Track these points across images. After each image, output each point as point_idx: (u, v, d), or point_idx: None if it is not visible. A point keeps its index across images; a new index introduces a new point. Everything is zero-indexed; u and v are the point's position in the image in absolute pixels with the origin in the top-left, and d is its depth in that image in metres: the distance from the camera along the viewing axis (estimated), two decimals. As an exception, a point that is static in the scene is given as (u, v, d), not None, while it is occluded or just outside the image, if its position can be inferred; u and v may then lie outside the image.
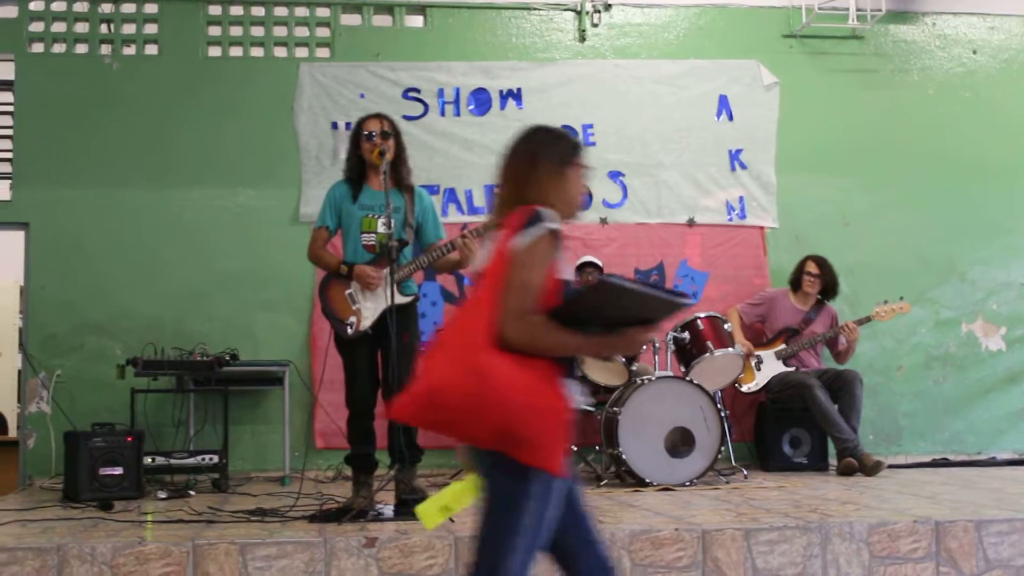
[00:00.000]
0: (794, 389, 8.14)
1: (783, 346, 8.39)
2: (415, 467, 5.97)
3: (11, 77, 8.52)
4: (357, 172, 6.08)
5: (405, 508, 5.57)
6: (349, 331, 5.91)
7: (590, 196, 8.87)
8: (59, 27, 8.57)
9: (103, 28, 8.62)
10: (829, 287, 8.51)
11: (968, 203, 9.25)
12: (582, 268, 8.34)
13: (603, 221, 8.89)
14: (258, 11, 8.77)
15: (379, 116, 6.09)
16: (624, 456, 6.97)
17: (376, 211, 5.93)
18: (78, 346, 8.30)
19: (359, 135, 6.04)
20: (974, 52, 9.48)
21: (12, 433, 10.14)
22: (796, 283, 8.58)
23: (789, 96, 9.14)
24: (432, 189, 8.48)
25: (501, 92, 8.90)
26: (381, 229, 5.90)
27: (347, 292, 5.95)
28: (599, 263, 8.36)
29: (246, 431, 8.35)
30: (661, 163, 8.98)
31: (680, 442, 7.02)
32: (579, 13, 9.05)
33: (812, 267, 8.49)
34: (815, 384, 8.01)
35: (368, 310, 5.90)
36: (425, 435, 6.11)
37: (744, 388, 8.38)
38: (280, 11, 8.79)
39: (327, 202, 6.13)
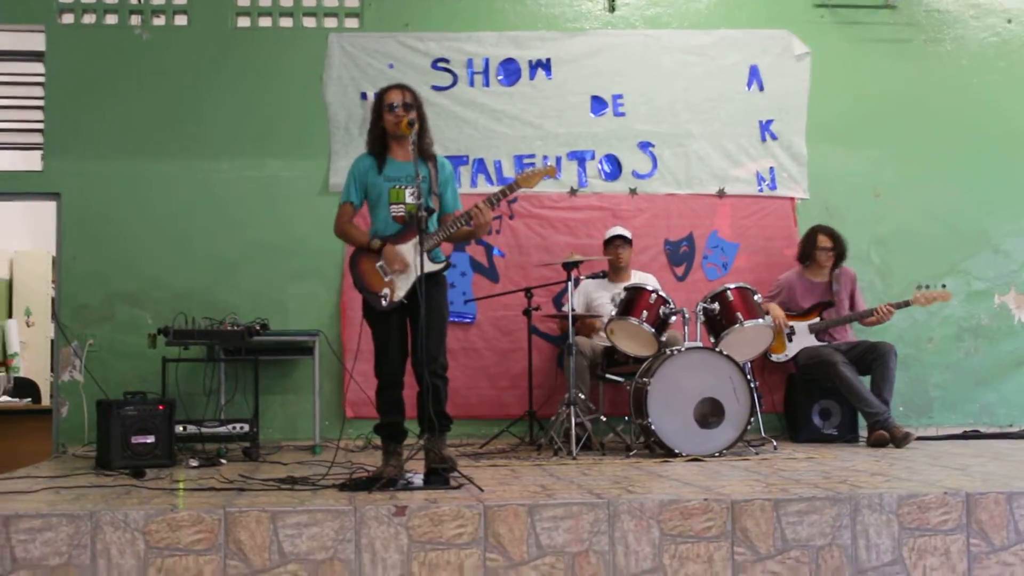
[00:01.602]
0: (820, 364, 8.13)
1: (817, 319, 8.36)
2: (444, 436, 5.91)
3: (42, 48, 8.56)
4: (380, 144, 6.05)
5: (434, 477, 5.57)
6: (383, 303, 5.89)
7: (619, 166, 8.86)
8: (89, -2, 8.61)
9: (133, -1, 8.65)
10: (842, 255, 8.49)
11: (1002, 174, 9.18)
12: (611, 240, 8.32)
13: (633, 192, 8.88)
14: (287, -19, 8.78)
15: (400, 87, 6.06)
16: (653, 427, 6.96)
17: (402, 182, 5.91)
18: (110, 315, 8.38)
19: (381, 107, 6.02)
20: (1009, 21, 9.37)
21: (45, 401, 10.24)
22: (806, 257, 8.53)
23: (820, 66, 9.08)
24: (461, 160, 8.53)
25: (530, 62, 8.88)
26: (409, 199, 5.88)
27: (378, 264, 5.92)
28: (628, 235, 8.34)
29: (276, 400, 8.41)
30: (691, 133, 8.95)
31: (710, 413, 7.01)
32: (609, -17, 9.03)
33: (826, 241, 8.43)
34: (839, 360, 7.99)
35: (401, 280, 5.89)
36: (454, 405, 6.16)
37: (774, 357, 8.38)
38: (309, -19, 8.79)
39: (351, 177, 6.10)
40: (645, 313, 7.32)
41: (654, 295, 7.39)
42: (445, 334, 6.02)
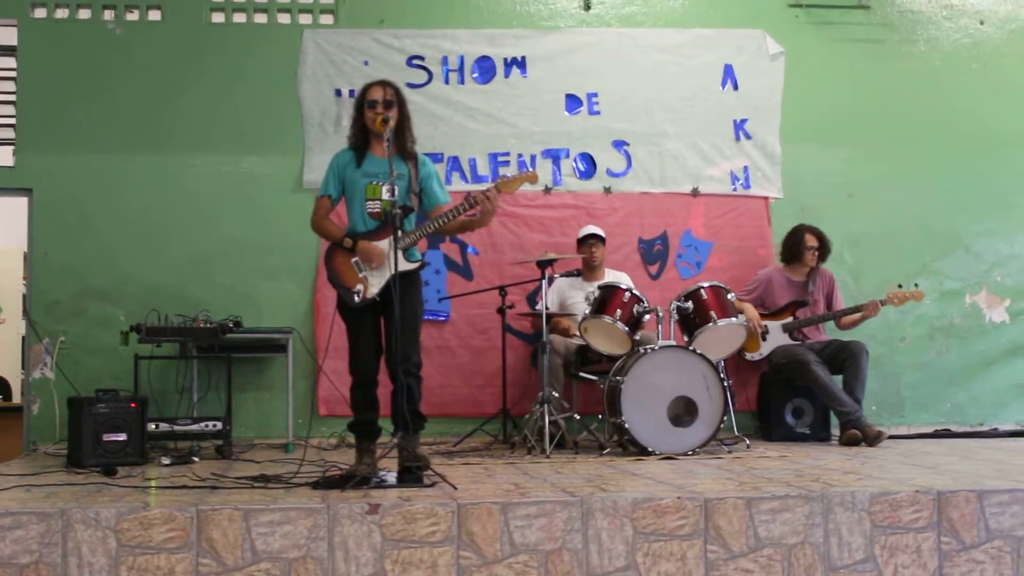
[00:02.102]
0: (793, 364, 8.15)
1: (791, 319, 8.39)
2: (418, 435, 5.88)
3: (14, 43, 8.50)
4: (361, 140, 6.01)
5: (408, 475, 5.53)
6: (356, 299, 5.86)
7: (593, 165, 8.85)
8: (62, -8, 8.55)
9: (106, -7, 8.59)
10: (826, 254, 8.53)
11: (974, 174, 9.24)
12: (585, 239, 8.32)
13: (607, 190, 8.89)
14: (261, -24, 8.75)
15: (383, 83, 6.02)
16: (627, 425, 6.95)
17: (380, 178, 5.88)
18: (82, 312, 8.32)
19: (363, 102, 5.99)
20: (981, 23, 9.42)
21: (16, 399, 10.17)
22: (792, 257, 8.55)
23: (794, 66, 9.12)
24: (436, 157, 8.52)
25: (505, 60, 8.88)
26: (385, 196, 5.83)
27: (353, 260, 5.90)
28: (602, 234, 8.34)
29: (249, 398, 8.39)
30: (665, 132, 8.96)
31: (683, 411, 7.00)
32: (584, -19, 9.03)
33: (813, 240, 8.48)
34: (812, 359, 8.02)
35: (375, 277, 5.86)
36: (428, 403, 6.12)
37: (748, 356, 8.41)
38: (283, -23, 8.76)
39: (330, 171, 6.07)
40: (619, 312, 7.29)
41: (628, 294, 7.37)
42: (419, 332, 5.99)
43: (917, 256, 9.11)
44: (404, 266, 5.73)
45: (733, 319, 7.42)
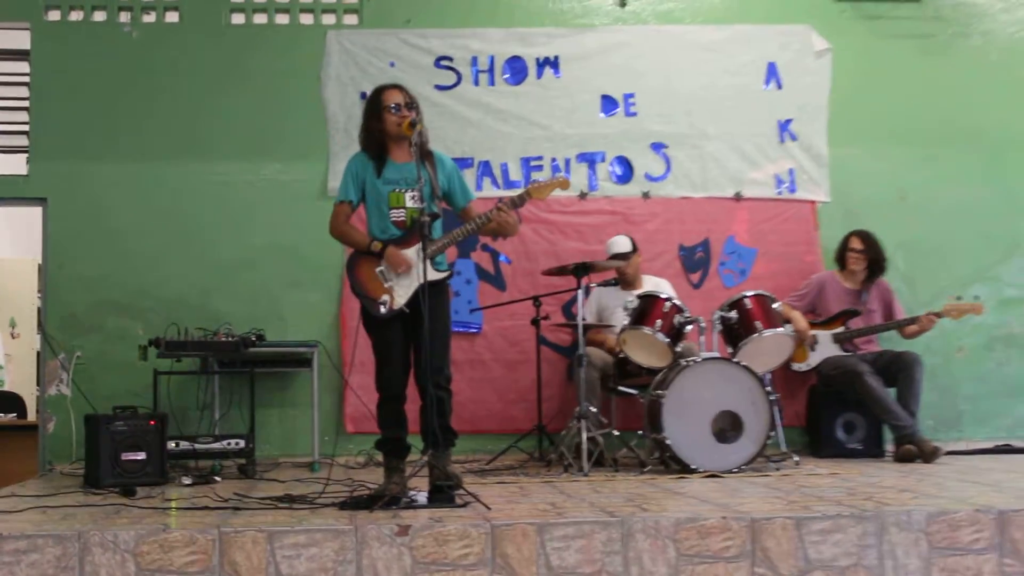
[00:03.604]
0: (845, 375, 7.99)
1: (842, 328, 8.22)
2: (449, 452, 5.84)
3: (27, 46, 8.50)
4: (378, 145, 5.91)
5: (439, 495, 5.48)
6: (383, 310, 5.76)
7: (631, 169, 8.70)
8: (76, -7, 8.58)
9: (122, -6, 8.63)
10: (875, 263, 8.35)
11: (1033, 175, 9.12)
12: (612, 259, 8.03)
13: (645, 195, 8.76)
14: (283, -25, 8.75)
15: (399, 87, 5.96)
16: (669, 441, 6.83)
17: (403, 185, 5.79)
18: (99, 326, 8.30)
19: (380, 107, 5.88)
20: (1040, 13, 9.33)
21: (31, 416, 10.22)
22: (842, 261, 8.44)
23: (842, 63, 8.97)
24: (466, 162, 8.56)
25: (538, 60, 8.79)
26: (410, 204, 5.77)
27: (378, 269, 5.78)
28: (626, 249, 8.15)
29: (273, 415, 8.32)
30: (706, 134, 8.83)
31: (728, 427, 6.87)
32: (619, -24, 8.99)
33: (856, 243, 8.35)
34: (865, 371, 7.85)
35: (402, 287, 5.75)
36: (459, 419, 6.12)
37: (795, 366, 8.26)
38: (306, -24, 8.77)
39: (348, 174, 5.96)
40: (659, 322, 7.17)
41: (668, 303, 7.26)
42: (449, 344, 5.93)
43: (974, 262, 8.93)
44: (432, 275, 5.64)
45: (780, 329, 7.29)
